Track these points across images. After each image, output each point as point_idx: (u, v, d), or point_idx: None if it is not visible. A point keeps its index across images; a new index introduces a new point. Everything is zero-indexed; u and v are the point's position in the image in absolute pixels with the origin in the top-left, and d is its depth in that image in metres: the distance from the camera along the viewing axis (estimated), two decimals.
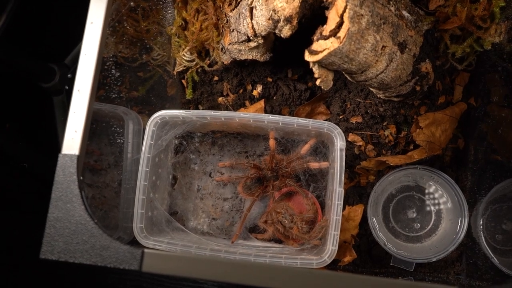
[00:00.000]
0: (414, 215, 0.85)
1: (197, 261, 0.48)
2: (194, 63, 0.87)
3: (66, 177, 0.53)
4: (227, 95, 0.88)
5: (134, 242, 0.73)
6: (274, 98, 0.86)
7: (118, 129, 0.78)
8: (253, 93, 0.86)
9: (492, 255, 0.78)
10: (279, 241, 0.78)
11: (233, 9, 0.75)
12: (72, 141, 0.54)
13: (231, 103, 0.88)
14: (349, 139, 0.82)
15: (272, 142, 0.76)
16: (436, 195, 0.84)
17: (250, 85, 0.87)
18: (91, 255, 0.50)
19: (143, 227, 0.72)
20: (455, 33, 0.75)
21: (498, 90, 0.78)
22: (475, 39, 0.74)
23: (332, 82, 0.67)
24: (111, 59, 0.86)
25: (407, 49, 0.68)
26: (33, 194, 1.05)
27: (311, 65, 0.63)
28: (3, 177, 1.01)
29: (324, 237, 0.72)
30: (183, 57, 0.86)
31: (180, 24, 0.84)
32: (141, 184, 0.73)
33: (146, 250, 0.49)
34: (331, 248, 0.68)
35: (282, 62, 0.84)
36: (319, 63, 0.62)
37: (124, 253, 0.49)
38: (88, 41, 0.55)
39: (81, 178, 0.53)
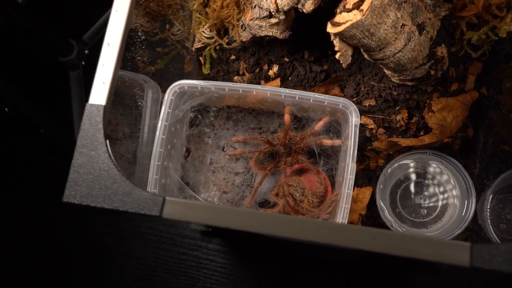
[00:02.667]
0: (421, 201, 0.87)
1: (217, 209, 0.49)
2: (213, 40, 0.88)
3: (92, 125, 0.54)
4: (243, 74, 0.90)
5: None
6: (290, 78, 0.88)
7: (137, 96, 0.79)
8: (269, 73, 0.88)
9: (498, 241, 0.79)
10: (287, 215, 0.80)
11: None
12: (99, 92, 0.55)
13: (246, 82, 0.89)
14: (361, 122, 0.84)
15: (287, 117, 0.78)
16: (444, 182, 0.86)
17: (266, 65, 0.88)
18: (113, 200, 0.51)
19: (156, 192, 0.74)
20: (472, 21, 0.77)
21: (510, 80, 0.80)
22: (491, 27, 0.76)
23: (350, 58, 0.69)
24: (132, 31, 0.88)
25: (425, 31, 0.70)
26: (46, 163, 1.08)
27: (332, 37, 0.65)
28: (16, 138, 1.04)
29: (334, 211, 0.73)
30: (203, 34, 0.88)
31: (201, 0, 0.86)
32: (157, 150, 0.75)
33: (167, 198, 0.50)
34: (341, 221, 0.70)
35: (299, 44, 0.86)
36: (340, 35, 0.64)
37: (145, 199, 0.50)
38: None
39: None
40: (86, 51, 1.13)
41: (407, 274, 0.97)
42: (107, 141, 0.54)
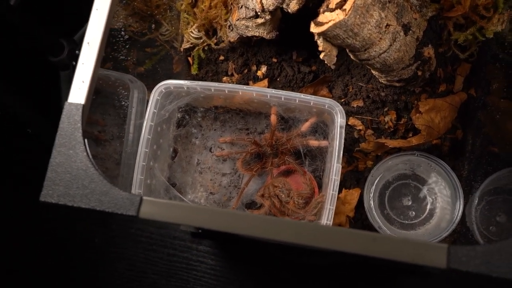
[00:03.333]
0: (410, 203, 0.86)
1: (195, 210, 0.49)
2: (201, 40, 0.88)
3: (70, 124, 0.54)
4: (232, 74, 0.90)
5: None
6: (278, 79, 0.88)
7: (122, 96, 0.79)
8: (257, 74, 0.88)
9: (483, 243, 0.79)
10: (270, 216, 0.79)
11: None
12: (78, 90, 0.55)
13: (235, 82, 0.89)
14: (349, 123, 0.83)
15: (273, 118, 0.77)
16: (433, 184, 0.85)
17: (255, 65, 0.88)
18: (90, 200, 0.51)
19: (141, 192, 0.73)
20: (459, 22, 0.76)
21: (498, 81, 0.80)
22: (478, 28, 0.76)
23: (335, 58, 0.69)
24: (120, 32, 0.88)
25: (410, 31, 0.70)
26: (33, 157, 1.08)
27: (316, 37, 0.65)
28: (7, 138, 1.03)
29: (319, 213, 0.73)
30: (191, 34, 0.88)
31: (190, 1, 0.86)
32: (142, 150, 0.74)
33: (144, 197, 0.50)
34: (325, 222, 0.69)
35: (287, 44, 0.86)
36: (324, 35, 0.64)
37: (122, 199, 0.50)
38: None
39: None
40: (77, 51, 1.13)
41: (396, 277, 0.97)
42: (86, 140, 0.53)
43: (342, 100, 0.84)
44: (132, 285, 1.04)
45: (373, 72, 0.78)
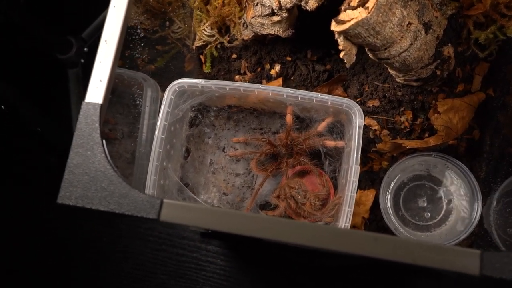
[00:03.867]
0: (425, 204, 0.85)
1: (216, 213, 0.48)
2: (214, 38, 0.87)
3: (88, 125, 0.52)
4: (245, 73, 0.88)
5: None
6: (292, 78, 0.86)
7: (136, 95, 0.78)
8: (270, 72, 0.86)
9: (503, 247, 0.77)
10: (290, 219, 0.78)
11: None
12: (96, 90, 0.53)
13: (248, 81, 0.87)
14: (365, 123, 0.82)
15: (289, 118, 0.76)
16: (449, 185, 0.84)
17: (268, 64, 0.87)
18: (109, 202, 0.49)
19: (155, 193, 0.72)
20: (479, 20, 0.75)
21: None
22: (499, 27, 0.74)
23: (355, 57, 0.67)
24: (131, 29, 0.87)
25: (431, 30, 0.69)
26: (43, 161, 1.06)
27: (336, 36, 0.63)
28: (16, 138, 1.02)
29: (336, 214, 0.72)
30: (204, 32, 0.86)
31: None
32: (155, 150, 0.73)
33: (165, 200, 0.48)
34: (344, 224, 0.68)
35: (302, 43, 0.84)
36: (345, 34, 0.62)
37: (142, 201, 0.49)
38: None
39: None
40: (85, 49, 1.11)
41: (409, 279, 0.95)
42: (104, 141, 0.52)
43: (358, 100, 0.82)
44: (140, 285, 1.03)
45: (391, 71, 0.77)
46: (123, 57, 0.84)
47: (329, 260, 0.93)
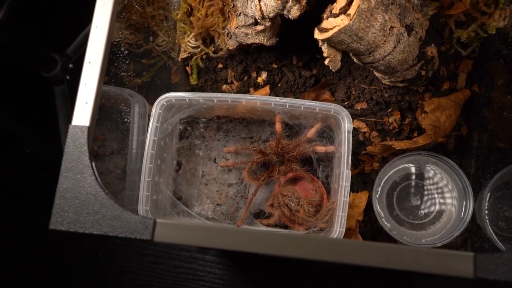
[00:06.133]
0: (418, 202, 0.85)
1: (210, 230, 0.47)
2: (199, 49, 0.86)
3: (76, 148, 0.52)
4: (232, 82, 0.88)
5: None
6: (279, 85, 0.86)
7: (123, 112, 0.77)
8: (257, 80, 0.86)
9: (497, 240, 0.78)
10: (285, 226, 0.78)
11: None
12: (82, 112, 0.53)
13: (235, 90, 0.88)
14: (354, 126, 0.82)
15: (278, 126, 0.76)
16: (440, 182, 0.84)
17: (254, 72, 0.87)
18: (101, 225, 0.49)
19: (148, 209, 0.72)
20: (460, 19, 0.76)
21: (502, 76, 0.79)
22: (479, 24, 0.75)
23: (340, 63, 0.68)
24: (115, 45, 0.86)
25: (413, 31, 0.69)
26: (33, 179, 1.06)
27: (320, 43, 0.64)
28: (5, 159, 1.01)
29: (330, 220, 0.72)
30: (188, 44, 0.86)
31: (185, 10, 0.84)
32: (146, 166, 0.73)
33: (158, 220, 0.48)
34: (338, 229, 0.68)
35: (287, 49, 0.85)
36: (328, 41, 0.63)
37: (135, 223, 0.49)
38: (99, 14, 0.55)
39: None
40: (70, 65, 1.11)
41: (409, 276, 0.96)
42: (93, 164, 0.52)
43: (346, 103, 0.83)
44: None
45: (376, 74, 0.77)
46: (108, 73, 0.84)
47: (328, 263, 0.94)
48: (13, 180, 1.10)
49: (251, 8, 0.72)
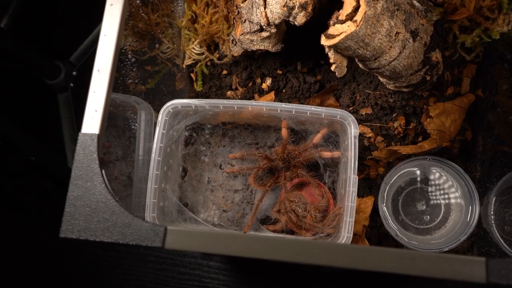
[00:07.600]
0: (424, 207, 0.85)
1: (220, 236, 0.47)
2: (204, 56, 0.87)
3: (86, 156, 0.52)
4: (236, 88, 0.88)
5: None
6: (284, 91, 0.87)
7: (129, 119, 0.77)
8: (262, 86, 0.87)
9: (504, 245, 0.78)
10: (291, 232, 0.78)
11: (245, 0, 0.76)
12: (92, 120, 0.53)
13: (240, 96, 0.88)
14: (359, 131, 0.83)
15: (284, 132, 0.76)
16: (446, 187, 0.85)
17: (259, 78, 0.87)
18: (112, 233, 0.49)
19: (155, 216, 0.72)
20: (464, 24, 0.76)
21: (506, 81, 0.80)
22: (483, 29, 0.76)
23: (346, 69, 0.68)
24: (121, 53, 0.86)
25: (418, 37, 0.70)
26: (37, 187, 1.05)
27: (326, 49, 0.64)
28: (10, 167, 1.01)
29: (338, 225, 0.72)
30: (193, 50, 0.86)
31: (190, 17, 0.84)
32: (153, 173, 0.73)
33: (169, 227, 0.48)
34: (346, 235, 0.68)
35: (291, 55, 0.85)
36: (335, 47, 0.63)
37: (146, 230, 0.49)
38: (108, 22, 0.55)
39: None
40: (74, 73, 1.11)
41: (413, 278, 0.96)
42: (103, 171, 0.52)
43: (351, 109, 0.83)
44: None
45: (381, 79, 0.78)
46: (114, 81, 0.84)
47: (334, 268, 0.94)
48: (16, 188, 1.10)
49: (257, 15, 0.72)
